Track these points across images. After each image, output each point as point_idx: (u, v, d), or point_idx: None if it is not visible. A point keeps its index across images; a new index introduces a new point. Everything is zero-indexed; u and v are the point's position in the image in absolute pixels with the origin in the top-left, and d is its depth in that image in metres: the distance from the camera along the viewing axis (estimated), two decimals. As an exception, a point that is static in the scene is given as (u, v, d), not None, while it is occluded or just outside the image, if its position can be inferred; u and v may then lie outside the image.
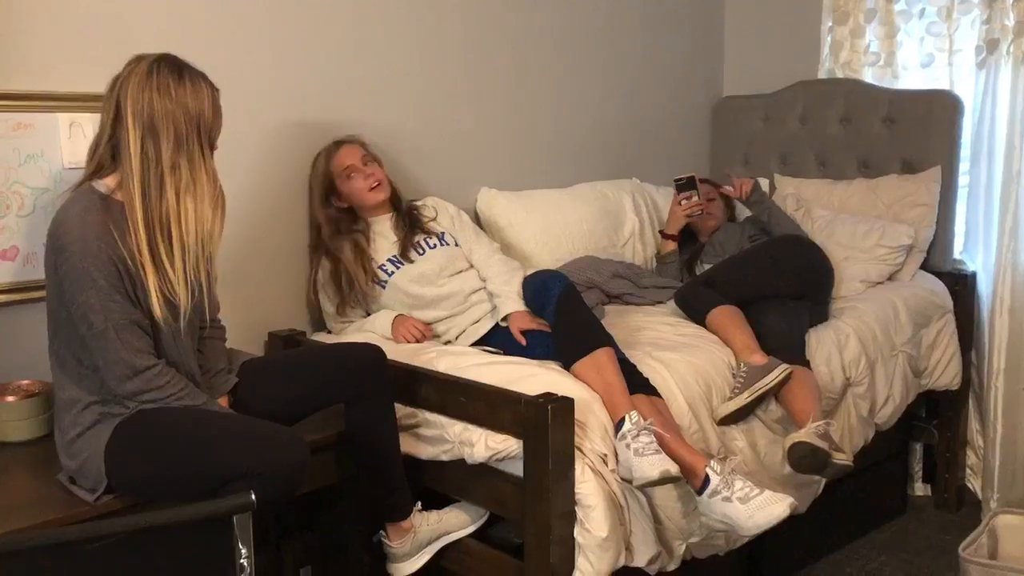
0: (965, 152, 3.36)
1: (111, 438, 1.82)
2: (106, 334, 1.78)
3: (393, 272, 2.68)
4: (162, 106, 1.80)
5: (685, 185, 3.23)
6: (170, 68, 1.84)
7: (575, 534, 2.04)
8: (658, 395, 2.33)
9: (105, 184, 1.86)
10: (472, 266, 2.76)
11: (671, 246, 3.31)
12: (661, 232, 3.37)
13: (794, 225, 3.18)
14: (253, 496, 1.49)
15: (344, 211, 2.72)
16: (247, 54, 2.59)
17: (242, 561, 1.53)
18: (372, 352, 2.16)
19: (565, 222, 3.22)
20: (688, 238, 3.37)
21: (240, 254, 2.60)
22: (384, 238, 2.72)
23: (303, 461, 1.80)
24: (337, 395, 2.13)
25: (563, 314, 2.38)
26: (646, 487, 2.08)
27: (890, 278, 3.27)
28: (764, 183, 3.71)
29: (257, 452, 1.75)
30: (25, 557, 1.39)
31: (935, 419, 3.43)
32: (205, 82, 1.89)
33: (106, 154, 1.87)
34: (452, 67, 3.12)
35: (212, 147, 1.90)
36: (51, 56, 2.24)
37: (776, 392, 2.51)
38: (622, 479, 2.10)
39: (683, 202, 3.23)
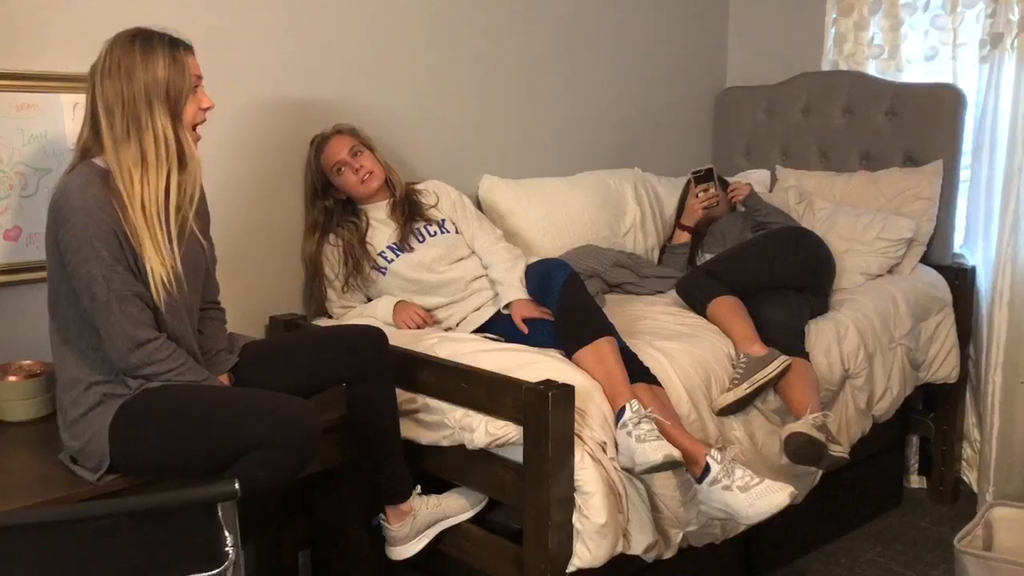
0: (967, 146, 3.36)
1: (116, 417, 1.83)
2: (108, 305, 1.78)
3: (393, 259, 2.68)
4: (114, 88, 1.81)
5: (703, 177, 3.23)
6: (123, 45, 1.83)
7: (573, 520, 2.05)
8: (659, 384, 2.33)
9: (104, 160, 1.86)
10: (473, 253, 2.76)
11: (685, 237, 3.30)
12: (678, 223, 3.36)
13: (792, 221, 3.19)
14: (237, 485, 1.48)
15: (342, 201, 2.73)
16: (246, 33, 2.58)
17: (227, 549, 1.52)
18: (372, 333, 2.17)
19: (567, 211, 3.21)
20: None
21: (239, 238, 2.60)
22: (383, 225, 2.72)
23: (316, 430, 1.81)
24: (338, 375, 2.14)
25: (566, 302, 2.39)
26: (648, 472, 2.09)
27: (890, 271, 3.27)
28: (765, 175, 3.72)
29: (270, 423, 1.75)
30: (15, 534, 1.39)
31: (932, 412, 3.44)
32: (162, 45, 1.84)
33: (90, 137, 1.88)
34: (457, 54, 3.12)
35: (174, 108, 1.84)
36: (55, 36, 2.24)
37: (775, 383, 2.52)
38: (622, 468, 2.11)
39: (700, 194, 3.23)
